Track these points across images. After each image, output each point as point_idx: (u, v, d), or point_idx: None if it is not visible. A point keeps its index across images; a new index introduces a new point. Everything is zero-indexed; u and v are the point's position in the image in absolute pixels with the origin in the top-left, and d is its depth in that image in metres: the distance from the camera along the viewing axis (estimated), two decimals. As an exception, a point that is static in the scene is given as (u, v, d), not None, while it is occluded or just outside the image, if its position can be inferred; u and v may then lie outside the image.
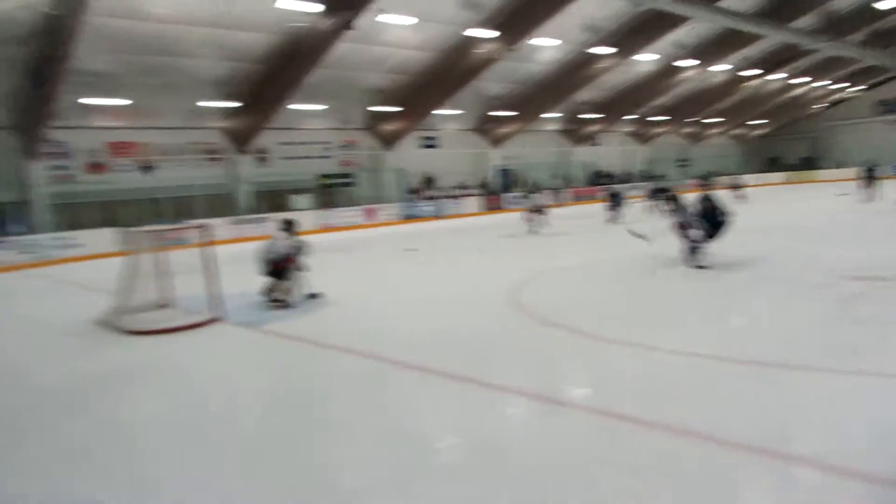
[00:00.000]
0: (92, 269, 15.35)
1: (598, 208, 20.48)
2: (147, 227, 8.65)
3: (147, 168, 21.93)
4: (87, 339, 7.75)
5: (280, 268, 8.64)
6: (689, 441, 3.80)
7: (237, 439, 4.40)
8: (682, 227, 9.67)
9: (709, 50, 28.60)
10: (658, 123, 37.61)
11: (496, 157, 31.40)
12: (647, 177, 36.74)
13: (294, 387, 5.50)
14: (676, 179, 36.61)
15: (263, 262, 8.66)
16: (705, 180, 16.00)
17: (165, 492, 3.63)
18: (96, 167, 20.85)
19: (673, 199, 10.21)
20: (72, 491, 3.69)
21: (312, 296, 9.03)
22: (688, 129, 41.36)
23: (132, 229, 8.79)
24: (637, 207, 21.12)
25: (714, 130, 42.60)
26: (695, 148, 42.90)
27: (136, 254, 8.39)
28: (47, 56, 15.97)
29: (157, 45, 17.86)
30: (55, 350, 7.36)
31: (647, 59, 27.65)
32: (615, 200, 19.99)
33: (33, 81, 16.83)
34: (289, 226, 9.08)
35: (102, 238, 18.68)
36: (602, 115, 33.20)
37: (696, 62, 28.87)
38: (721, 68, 30.99)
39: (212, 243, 8.37)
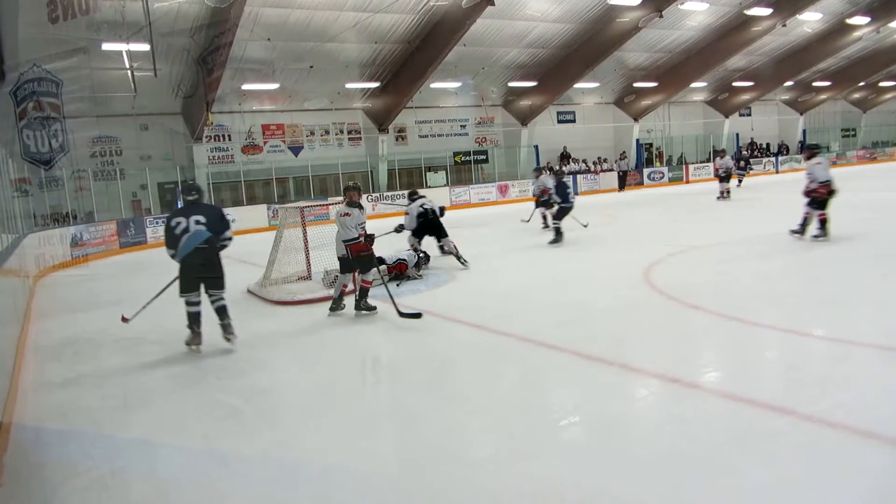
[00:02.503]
0: (243, 242, 16.58)
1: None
2: (292, 204, 9.21)
3: (295, 148, 23.31)
4: (237, 307, 8.39)
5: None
6: (837, 434, 3.50)
7: (366, 405, 4.63)
8: None
9: (887, 5, 25.59)
10: (820, 89, 34.27)
11: (637, 131, 30.13)
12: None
13: (419, 357, 5.68)
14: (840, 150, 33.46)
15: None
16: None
17: (302, 451, 3.90)
18: (251, 148, 22.47)
19: None
20: (221, 446, 4.05)
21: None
22: (856, 95, 37.43)
23: (280, 206, 9.43)
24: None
25: (889, 95, 38.20)
26: (866, 116, 38.80)
27: (282, 229, 8.99)
28: (212, 46, 17.33)
29: (306, 31, 18.81)
30: (209, 317, 8.04)
31: (810, 18, 25.19)
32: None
33: (201, 70, 18.34)
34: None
35: (253, 214, 20.24)
36: (755, 83, 30.78)
37: (868, 19, 25.94)
38: (899, 25, 27.63)
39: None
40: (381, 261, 7.98)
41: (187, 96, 19.97)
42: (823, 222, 9.82)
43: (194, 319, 6.15)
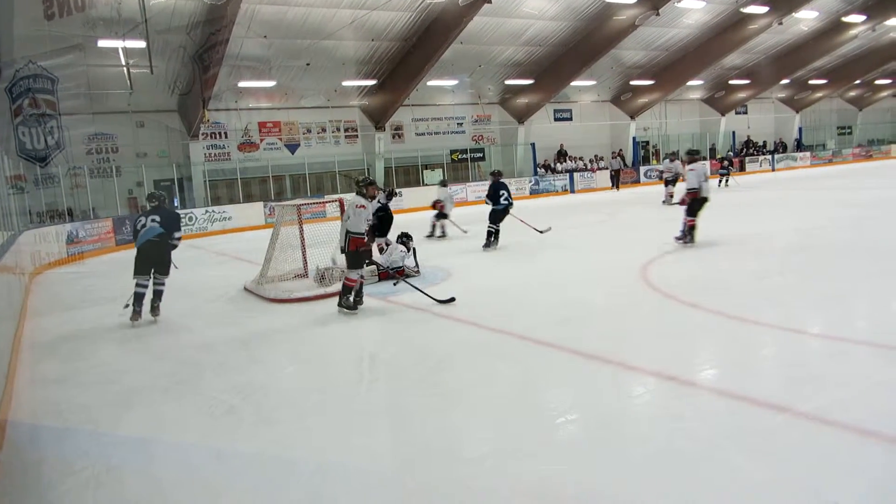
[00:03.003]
0: (239, 240, 16.59)
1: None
2: (289, 202, 9.22)
3: (292, 146, 23.27)
4: (233, 305, 8.44)
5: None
6: (833, 431, 3.51)
7: (362, 403, 4.61)
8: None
9: (882, 3, 25.66)
10: (816, 87, 34.33)
11: (633, 129, 30.15)
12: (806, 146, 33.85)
13: (416, 355, 5.67)
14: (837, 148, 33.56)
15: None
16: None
17: (297, 448, 3.89)
18: (247, 146, 22.42)
19: None
20: (218, 444, 4.04)
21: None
22: (852, 93, 37.51)
23: (276, 203, 9.46)
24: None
25: (885, 93, 38.30)
26: (861, 113, 38.93)
27: (279, 226, 8.99)
28: (209, 43, 17.28)
29: (303, 28, 18.77)
30: (206, 314, 8.06)
31: (806, 16, 25.22)
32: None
33: (197, 67, 18.29)
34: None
35: (249, 212, 20.23)
36: (751, 81, 30.83)
37: (864, 17, 26.00)
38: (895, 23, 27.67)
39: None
40: (371, 262, 7.98)
41: (183, 93, 19.92)
42: (691, 228, 10.02)
43: (138, 299, 7.44)
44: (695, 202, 9.92)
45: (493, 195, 11.71)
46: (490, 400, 4.45)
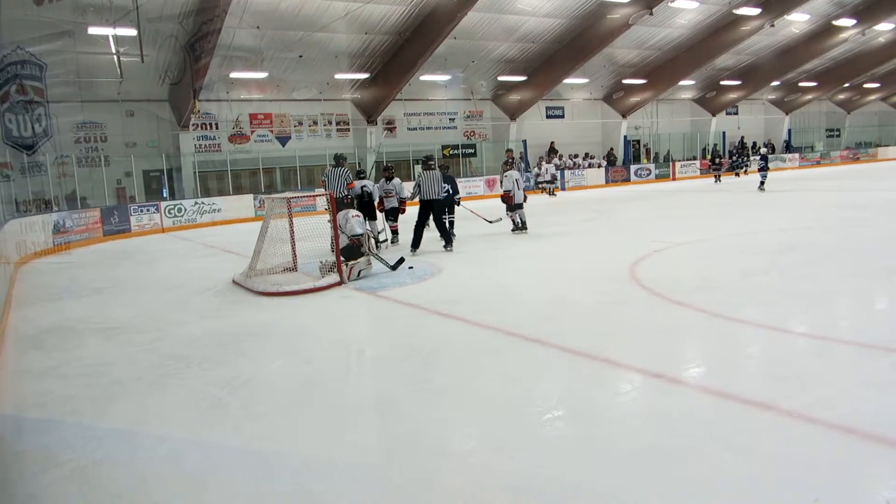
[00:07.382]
0: (228, 232, 16.52)
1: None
2: (279, 195, 9.20)
3: (283, 138, 23.17)
4: (221, 297, 8.39)
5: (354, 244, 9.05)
6: (816, 429, 3.54)
7: (349, 398, 4.61)
8: None
9: (872, 8, 25.84)
10: (806, 90, 34.55)
11: (625, 128, 30.23)
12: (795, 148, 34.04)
13: (404, 350, 5.67)
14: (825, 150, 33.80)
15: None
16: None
17: (284, 442, 3.88)
18: (238, 137, 22.30)
19: None
20: (204, 437, 4.03)
21: (397, 264, 9.30)
22: (841, 96, 37.78)
23: (266, 196, 9.43)
24: None
25: (873, 97, 38.62)
26: (850, 116, 39.23)
27: (269, 219, 8.96)
28: (201, 32, 17.14)
29: (296, 20, 18.65)
30: (194, 307, 8.01)
31: (798, 19, 25.38)
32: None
33: (189, 57, 18.14)
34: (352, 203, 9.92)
35: (239, 204, 20.11)
36: (742, 82, 30.98)
37: (854, 21, 26.18)
38: (885, 27, 27.87)
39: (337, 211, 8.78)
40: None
41: (174, 83, 19.76)
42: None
43: None
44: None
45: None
46: (477, 396, 4.46)
